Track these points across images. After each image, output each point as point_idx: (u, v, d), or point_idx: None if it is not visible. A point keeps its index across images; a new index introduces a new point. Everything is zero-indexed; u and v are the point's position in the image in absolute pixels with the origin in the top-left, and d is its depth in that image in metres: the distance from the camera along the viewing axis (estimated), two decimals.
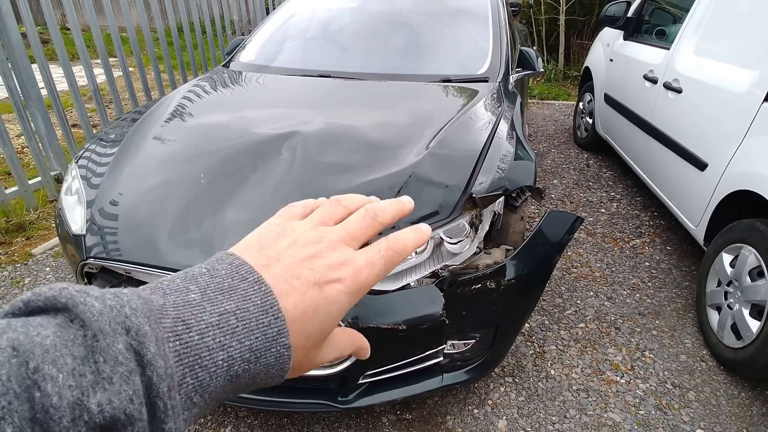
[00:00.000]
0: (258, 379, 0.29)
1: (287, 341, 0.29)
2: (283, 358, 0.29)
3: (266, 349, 0.28)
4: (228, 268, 0.30)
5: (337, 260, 0.33)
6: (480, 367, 1.65)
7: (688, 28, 2.87)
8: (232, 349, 0.27)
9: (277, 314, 0.29)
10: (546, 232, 1.60)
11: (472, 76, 2.47)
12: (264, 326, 0.28)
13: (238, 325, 0.28)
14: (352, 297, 0.33)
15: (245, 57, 2.85)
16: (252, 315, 0.28)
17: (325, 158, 1.74)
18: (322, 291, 0.31)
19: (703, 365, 2.10)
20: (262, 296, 0.29)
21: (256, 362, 0.28)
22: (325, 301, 0.31)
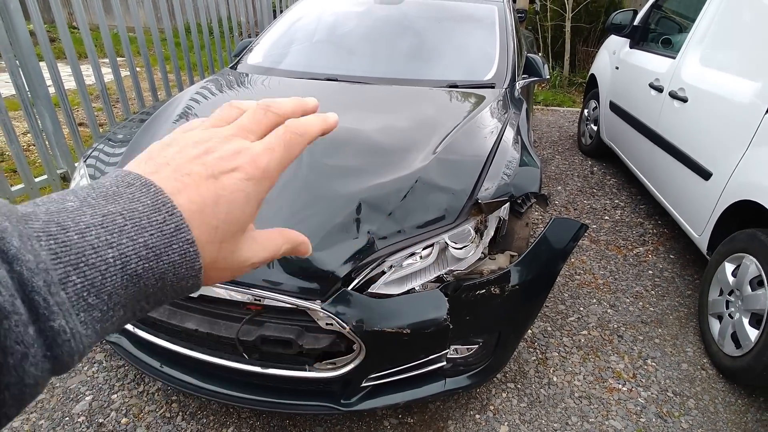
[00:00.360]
0: (168, 279, 0.28)
1: (189, 236, 0.28)
2: (189, 254, 0.28)
3: (166, 246, 0.28)
4: (113, 179, 0.29)
5: (231, 151, 0.32)
6: (483, 373, 1.66)
7: (694, 37, 2.88)
8: (123, 246, 0.26)
9: (171, 211, 0.28)
10: (550, 238, 1.61)
11: (478, 81, 2.48)
12: (158, 223, 0.27)
13: (126, 224, 0.27)
14: (256, 184, 0.32)
15: (253, 59, 2.87)
16: (142, 214, 0.27)
17: (332, 161, 1.75)
18: (219, 181, 0.30)
19: (703, 373, 2.10)
20: (152, 196, 0.28)
21: (157, 260, 0.27)
22: (225, 191, 0.30)
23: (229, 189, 0.30)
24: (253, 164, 0.32)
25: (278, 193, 1.61)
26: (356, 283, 1.44)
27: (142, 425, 1.76)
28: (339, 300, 1.39)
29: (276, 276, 1.40)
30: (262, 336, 1.41)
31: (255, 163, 0.32)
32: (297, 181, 1.65)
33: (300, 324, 1.44)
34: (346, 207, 1.54)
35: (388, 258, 1.47)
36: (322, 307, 1.37)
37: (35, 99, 3.20)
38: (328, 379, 1.50)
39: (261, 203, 0.33)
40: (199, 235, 0.29)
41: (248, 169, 0.31)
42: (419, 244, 1.50)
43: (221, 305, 1.47)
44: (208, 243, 0.30)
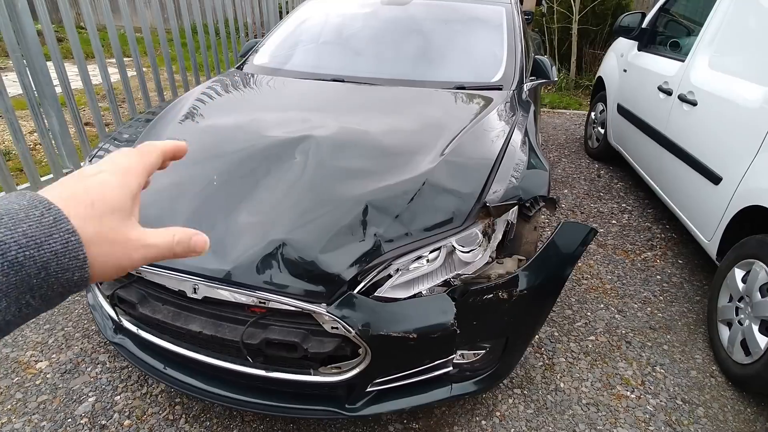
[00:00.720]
0: (51, 269, 0.29)
1: (69, 226, 0.30)
2: (71, 243, 0.30)
3: (47, 236, 0.29)
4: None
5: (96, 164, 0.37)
6: (489, 378, 1.63)
7: (703, 40, 2.85)
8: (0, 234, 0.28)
9: (48, 206, 0.30)
10: (559, 243, 1.58)
11: (486, 83, 2.46)
12: (36, 216, 0.29)
13: (2, 217, 0.29)
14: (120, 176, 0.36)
15: (259, 60, 2.86)
16: (19, 209, 0.29)
17: (338, 163, 1.73)
18: (86, 179, 0.35)
19: (712, 381, 2.07)
20: (28, 198, 0.31)
21: (38, 248, 0.29)
22: (93, 182, 0.34)
23: (96, 180, 0.35)
24: (113, 164, 0.37)
25: (286, 193, 1.59)
26: (362, 286, 1.42)
27: (145, 427, 1.75)
28: (345, 303, 1.37)
29: (281, 278, 1.39)
30: (266, 339, 1.40)
31: (115, 164, 0.37)
32: (303, 182, 1.63)
33: (305, 327, 1.42)
34: (352, 209, 1.52)
35: (394, 261, 1.45)
36: (327, 311, 1.35)
37: (42, 98, 3.20)
38: (333, 384, 1.48)
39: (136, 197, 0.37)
40: (76, 214, 0.32)
41: (111, 168, 0.37)
42: (426, 247, 1.48)
43: (225, 307, 1.46)
44: (88, 218, 0.32)
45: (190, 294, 1.44)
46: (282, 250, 1.42)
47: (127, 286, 1.58)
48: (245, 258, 1.41)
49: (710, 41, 2.79)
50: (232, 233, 1.48)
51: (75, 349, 2.10)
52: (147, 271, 1.48)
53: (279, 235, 1.45)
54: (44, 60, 3.16)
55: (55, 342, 2.14)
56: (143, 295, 1.56)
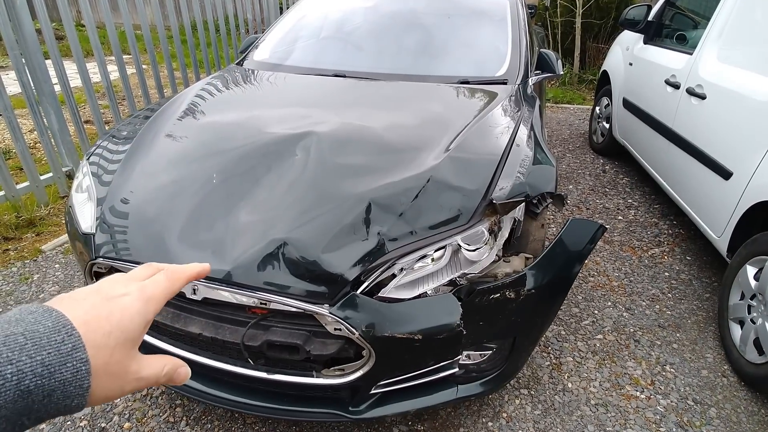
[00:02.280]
0: (55, 396, 0.30)
1: (83, 355, 0.31)
2: (81, 373, 0.31)
3: (61, 364, 0.30)
4: (17, 310, 0.32)
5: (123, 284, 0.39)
6: (496, 379, 1.59)
7: (712, 33, 2.79)
8: (21, 363, 0.28)
9: (70, 332, 0.31)
10: (568, 240, 1.54)
11: (490, 78, 2.41)
12: (57, 343, 0.30)
13: (26, 343, 0.29)
14: (143, 304, 0.38)
15: (259, 55, 2.81)
16: (42, 334, 0.30)
17: (341, 160, 1.69)
18: (112, 302, 0.36)
19: (724, 381, 2.02)
20: (53, 319, 0.31)
21: (50, 377, 0.29)
22: (117, 306, 0.36)
23: (120, 305, 0.36)
24: (141, 291, 0.39)
25: (287, 191, 1.55)
26: (365, 286, 1.38)
27: (145, 430, 1.72)
28: (348, 304, 1.33)
29: (282, 279, 1.35)
30: (267, 341, 1.36)
31: (143, 290, 0.39)
32: (304, 179, 1.59)
33: (307, 329, 1.38)
34: (355, 207, 1.48)
35: (398, 260, 1.41)
36: (330, 312, 1.31)
37: (41, 96, 3.17)
38: (336, 386, 1.44)
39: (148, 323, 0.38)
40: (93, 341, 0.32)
41: (136, 293, 0.38)
42: (431, 246, 1.44)
43: (226, 309, 1.42)
44: (102, 347, 0.33)
45: (189, 295, 1.41)
46: (283, 250, 1.38)
47: None
48: (246, 258, 1.37)
49: (719, 33, 2.73)
50: (232, 232, 1.44)
51: None
52: None
53: (280, 234, 1.41)
54: (42, 58, 3.13)
55: None
56: None
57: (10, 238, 2.88)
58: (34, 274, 2.59)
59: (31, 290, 2.46)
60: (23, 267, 2.64)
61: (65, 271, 2.61)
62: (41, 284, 2.51)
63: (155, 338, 1.56)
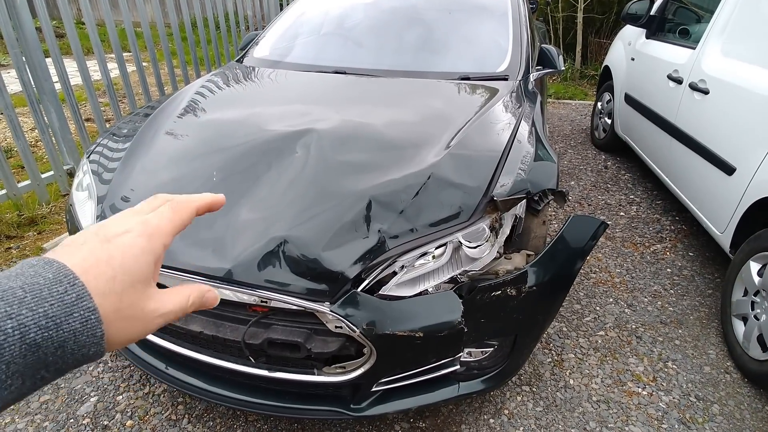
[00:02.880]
0: (68, 348, 0.29)
1: (90, 304, 0.30)
2: (90, 321, 0.30)
3: (67, 314, 0.29)
4: (18, 265, 0.31)
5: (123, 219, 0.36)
6: (497, 377, 1.59)
7: (715, 27, 2.77)
8: (21, 317, 0.28)
9: (72, 281, 0.30)
10: (569, 237, 1.53)
11: (491, 74, 2.39)
12: (59, 294, 0.29)
13: (26, 296, 0.28)
14: (147, 239, 0.35)
15: (259, 52, 2.80)
16: (43, 286, 0.29)
17: (341, 157, 1.68)
18: (112, 243, 0.34)
19: (727, 377, 2.02)
20: (54, 271, 0.30)
21: (57, 329, 0.29)
22: (118, 248, 0.34)
23: (122, 246, 0.34)
24: (143, 224, 0.36)
25: (287, 189, 1.55)
26: (366, 284, 1.38)
27: (147, 428, 1.72)
28: (348, 302, 1.33)
29: (283, 277, 1.35)
30: (268, 339, 1.36)
31: (146, 224, 0.36)
32: (304, 177, 1.59)
33: (308, 327, 1.38)
34: (355, 204, 1.48)
35: (399, 258, 1.40)
36: (330, 310, 1.31)
37: (41, 94, 3.17)
38: (338, 384, 1.44)
39: (159, 259, 0.36)
40: (97, 288, 0.31)
41: (139, 228, 0.36)
42: (432, 243, 1.43)
43: (227, 307, 1.42)
44: (108, 293, 0.32)
45: None
46: (284, 248, 1.38)
47: None
48: (246, 256, 1.37)
49: (722, 28, 2.71)
50: (232, 231, 1.44)
51: None
52: None
53: (280, 232, 1.41)
54: (43, 56, 3.12)
55: None
56: None
57: (12, 236, 2.88)
58: None
59: None
60: None
61: None
62: None
63: (157, 337, 1.56)
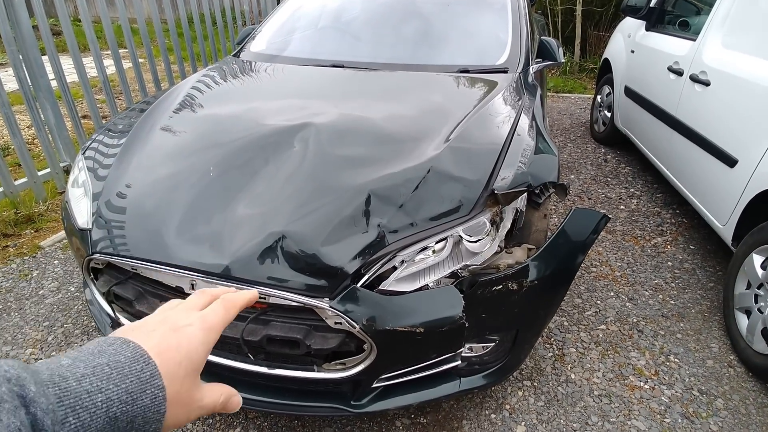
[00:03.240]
0: (136, 423, 0.32)
1: (160, 382, 0.34)
2: (158, 399, 0.34)
3: (141, 391, 0.33)
4: (95, 343, 0.35)
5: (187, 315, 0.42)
6: (499, 372, 1.58)
7: (716, 19, 2.75)
8: (109, 391, 0.31)
9: (147, 360, 0.34)
10: (570, 231, 1.52)
11: (490, 66, 2.37)
12: (137, 371, 0.33)
13: (112, 372, 0.32)
14: (206, 333, 0.40)
15: (256, 46, 2.78)
16: (124, 363, 0.33)
17: (340, 151, 1.66)
18: (178, 333, 0.39)
19: (731, 371, 2.00)
20: (131, 350, 0.34)
21: (133, 404, 0.32)
22: (184, 337, 0.39)
23: (187, 336, 0.39)
24: (203, 320, 0.41)
25: (285, 183, 1.53)
26: (366, 279, 1.36)
27: None
28: (348, 297, 1.31)
29: (281, 272, 1.33)
30: (267, 336, 1.34)
31: (204, 320, 0.42)
32: (303, 171, 1.57)
33: (307, 323, 1.36)
34: (354, 199, 1.46)
35: (399, 252, 1.39)
36: (330, 306, 1.29)
37: (37, 92, 3.15)
38: (338, 380, 1.43)
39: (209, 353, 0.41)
40: (167, 371, 0.35)
41: (199, 323, 0.41)
42: (432, 237, 1.41)
43: None
44: (174, 378, 0.36)
45: (187, 290, 1.39)
46: (282, 243, 1.36)
47: (123, 282, 1.52)
48: (244, 252, 1.35)
49: (723, 19, 2.68)
50: (230, 226, 1.42)
51: (75, 346, 2.06)
52: (143, 268, 1.43)
53: (278, 228, 1.39)
54: (39, 53, 3.10)
55: (54, 339, 2.11)
56: (140, 292, 1.50)
57: (9, 234, 2.86)
58: (33, 271, 2.57)
59: (31, 287, 2.45)
60: (22, 263, 2.63)
61: (64, 267, 2.60)
62: (41, 281, 2.49)
63: None
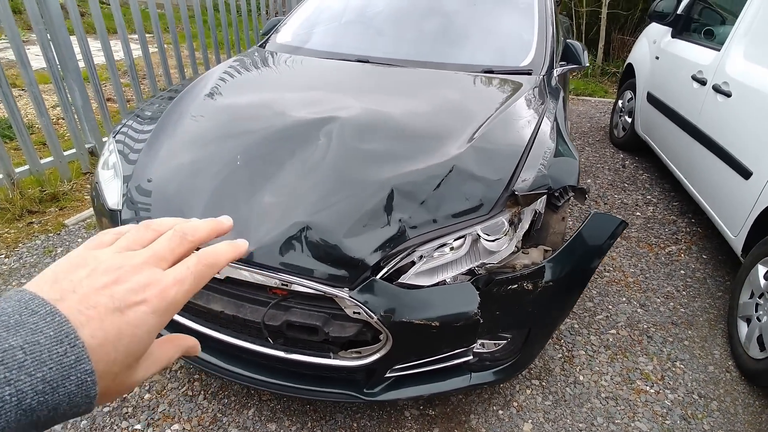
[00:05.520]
0: (61, 409, 0.28)
1: (88, 367, 0.29)
2: (86, 384, 0.29)
3: (64, 378, 0.28)
4: (16, 305, 0.29)
5: (141, 282, 0.32)
6: (509, 369, 1.61)
7: (739, 30, 2.73)
8: (20, 383, 0.26)
9: (73, 342, 0.28)
10: (588, 234, 1.54)
11: (514, 68, 2.38)
12: (59, 356, 0.28)
13: (26, 359, 0.27)
14: (160, 317, 0.32)
15: (282, 38, 2.81)
16: (43, 346, 0.27)
17: (364, 146, 1.70)
18: (124, 315, 0.31)
19: (727, 375, 2.06)
20: (55, 327, 0.28)
21: (53, 393, 0.27)
22: (128, 326, 0.31)
23: (133, 323, 0.31)
24: (161, 296, 0.32)
25: (310, 175, 1.57)
26: (385, 272, 1.40)
27: (164, 401, 1.78)
28: (367, 289, 1.35)
29: (304, 261, 1.38)
30: (287, 321, 1.39)
31: (163, 296, 0.32)
32: (327, 164, 1.61)
33: (326, 311, 1.41)
34: (377, 193, 1.50)
35: (418, 248, 1.43)
36: (350, 295, 1.34)
37: (65, 72, 3.21)
38: (352, 368, 1.48)
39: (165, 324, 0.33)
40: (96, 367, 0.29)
41: (155, 302, 0.32)
42: (451, 234, 1.45)
43: (247, 288, 1.45)
44: (106, 375, 0.30)
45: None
46: (305, 233, 1.40)
47: None
48: (268, 240, 1.40)
49: (746, 31, 2.67)
50: (255, 214, 1.47)
51: None
52: None
53: (303, 218, 1.43)
54: (67, 33, 3.15)
55: None
56: None
57: (34, 211, 2.95)
58: (57, 248, 2.65)
59: None
60: (47, 240, 2.71)
61: None
62: None
63: (177, 315, 1.60)
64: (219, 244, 0.38)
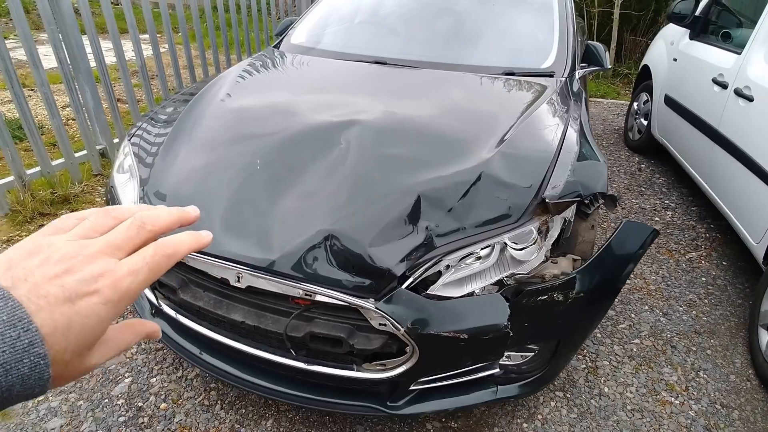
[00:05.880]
0: (15, 390, 0.29)
1: (42, 351, 0.29)
2: (40, 367, 0.29)
3: (17, 360, 0.28)
4: None
5: (93, 273, 0.32)
6: (536, 382, 1.57)
7: (760, 33, 2.68)
8: None
9: (27, 326, 0.29)
10: (620, 243, 1.49)
11: (536, 69, 2.33)
12: (12, 339, 0.28)
13: None
14: (112, 307, 0.32)
15: (296, 38, 2.77)
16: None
17: (387, 150, 1.65)
18: (75, 306, 0.31)
19: (748, 384, 2.02)
20: (8, 311, 0.28)
21: (6, 375, 0.28)
22: (78, 316, 0.31)
23: (83, 314, 0.31)
24: (113, 287, 0.32)
25: (331, 180, 1.52)
26: (411, 282, 1.36)
27: (181, 411, 1.74)
28: (394, 300, 1.31)
29: (328, 271, 1.33)
30: (311, 333, 1.35)
31: (115, 287, 0.32)
32: (350, 169, 1.56)
33: (351, 322, 1.37)
34: (403, 200, 1.45)
35: (445, 257, 1.38)
36: (375, 306, 1.29)
37: (77, 73, 3.18)
38: (377, 381, 1.43)
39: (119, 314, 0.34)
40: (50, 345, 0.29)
41: (107, 292, 0.32)
42: (478, 243, 1.40)
43: (268, 298, 1.41)
44: (56, 361, 0.30)
45: (233, 282, 1.40)
46: (330, 242, 1.36)
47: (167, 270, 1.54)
48: (291, 248, 1.36)
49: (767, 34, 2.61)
50: (277, 221, 1.43)
51: None
52: (189, 257, 1.44)
53: (326, 226, 1.39)
54: (79, 34, 3.12)
55: None
56: (184, 281, 1.52)
57: (45, 213, 2.91)
58: None
59: None
60: None
61: None
62: None
63: (195, 322, 1.56)
64: (179, 234, 0.37)
